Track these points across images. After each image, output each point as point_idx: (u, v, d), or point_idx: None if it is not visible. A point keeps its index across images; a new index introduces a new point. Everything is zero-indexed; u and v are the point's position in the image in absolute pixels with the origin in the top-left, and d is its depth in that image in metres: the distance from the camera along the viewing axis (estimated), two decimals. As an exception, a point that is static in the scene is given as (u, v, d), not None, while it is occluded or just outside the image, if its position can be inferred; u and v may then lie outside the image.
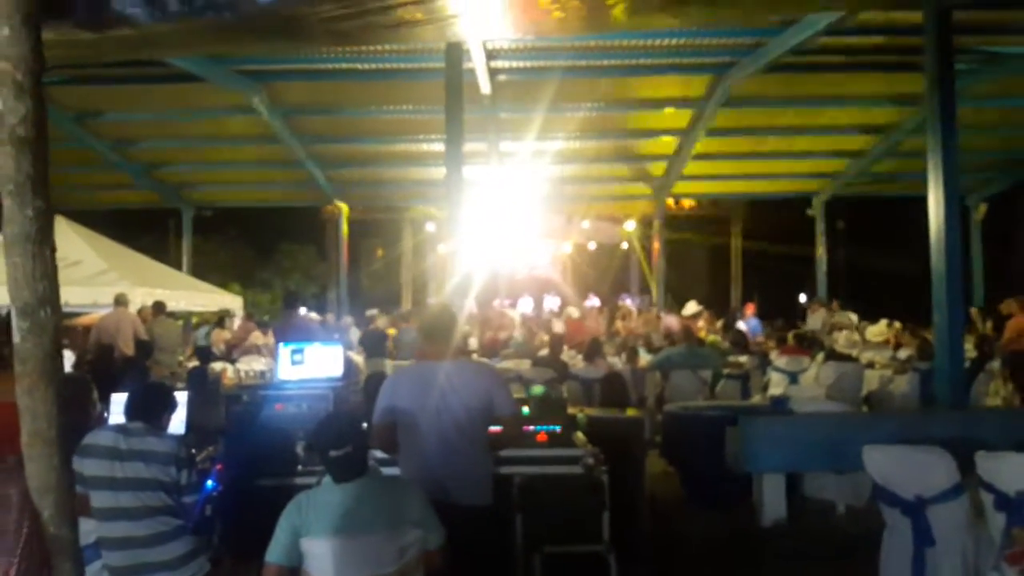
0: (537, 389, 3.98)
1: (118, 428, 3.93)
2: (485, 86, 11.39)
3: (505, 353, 11.99)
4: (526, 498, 4.69)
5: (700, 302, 18.15)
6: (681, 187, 17.70)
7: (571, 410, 5.74)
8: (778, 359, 10.42)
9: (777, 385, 9.83)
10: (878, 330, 14.44)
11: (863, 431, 5.89)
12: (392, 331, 13.05)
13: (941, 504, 4.50)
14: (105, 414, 4.95)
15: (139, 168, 15.98)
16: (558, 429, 5.16)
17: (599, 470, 4.81)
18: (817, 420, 6.85)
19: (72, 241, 12.75)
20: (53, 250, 1.79)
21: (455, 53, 8.70)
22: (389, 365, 9.99)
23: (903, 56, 10.64)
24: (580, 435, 5.30)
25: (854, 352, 12.20)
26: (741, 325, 15.80)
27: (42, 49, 1.77)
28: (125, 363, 10.25)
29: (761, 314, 17.56)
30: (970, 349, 10.28)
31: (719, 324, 16.32)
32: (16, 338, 1.72)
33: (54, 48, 4.26)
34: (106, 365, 9.57)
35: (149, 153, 15.61)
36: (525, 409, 5.17)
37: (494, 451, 4.12)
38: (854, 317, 16.39)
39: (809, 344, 11.34)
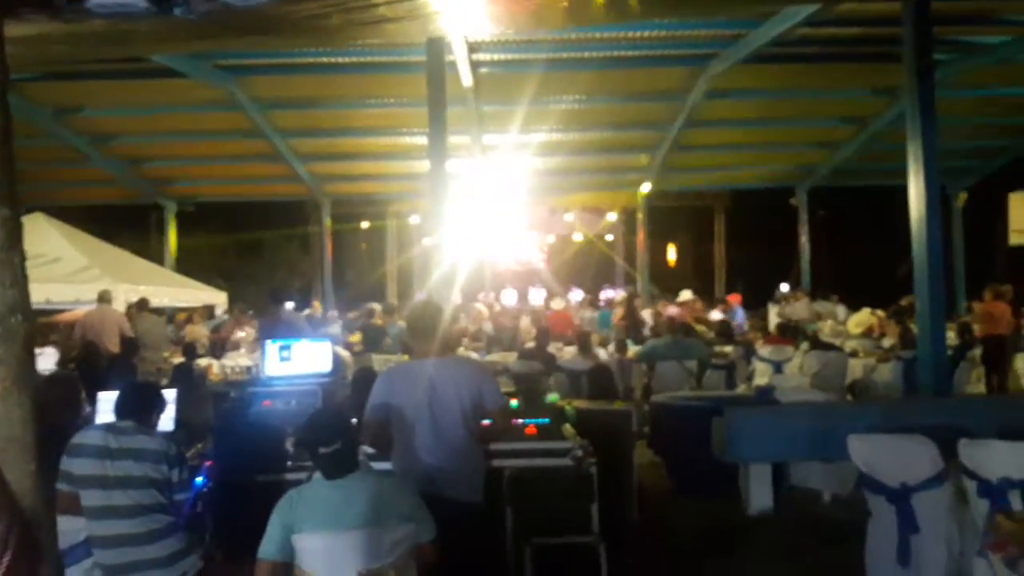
0: None
1: (107, 427, 3.93)
2: (467, 79, 11.36)
3: (476, 346, 12.00)
4: (516, 491, 4.71)
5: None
6: (664, 178, 17.73)
7: (559, 402, 5.78)
8: (762, 348, 10.48)
9: (762, 375, 9.89)
10: (860, 319, 14.49)
11: (847, 420, 5.96)
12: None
13: (925, 492, 4.55)
14: (90, 411, 4.94)
15: (120, 164, 15.82)
16: (547, 422, 5.20)
17: (588, 462, 4.85)
18: (802, 409, 6.91)
19: (52, 238, 12.62)
20: (23, 258, 1.77)
21: (436, 47, 8.66)
22: (377, 360, 9.97)
23: (883, 47, 10.68)
24: (568, 427, 5.33)
25: (838, 341, 12.28)
26: (716, 314, 15.81)
27: (6, 59, 1.75)
28: (111, 360, 10.20)
29: (745, 304, 17.63)
30: (952, 337, 10.37)
31: (709, 313, 16.34)
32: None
33: (28, 45, 4.22)
34: (92, 363, 9.51)
35: (130, 149, 15.45)
36: (513, 402, 5.21)
37: (484, 444, 4.15)
38: (840, 309, 16.44)
39: (793, 333, 11.39)
